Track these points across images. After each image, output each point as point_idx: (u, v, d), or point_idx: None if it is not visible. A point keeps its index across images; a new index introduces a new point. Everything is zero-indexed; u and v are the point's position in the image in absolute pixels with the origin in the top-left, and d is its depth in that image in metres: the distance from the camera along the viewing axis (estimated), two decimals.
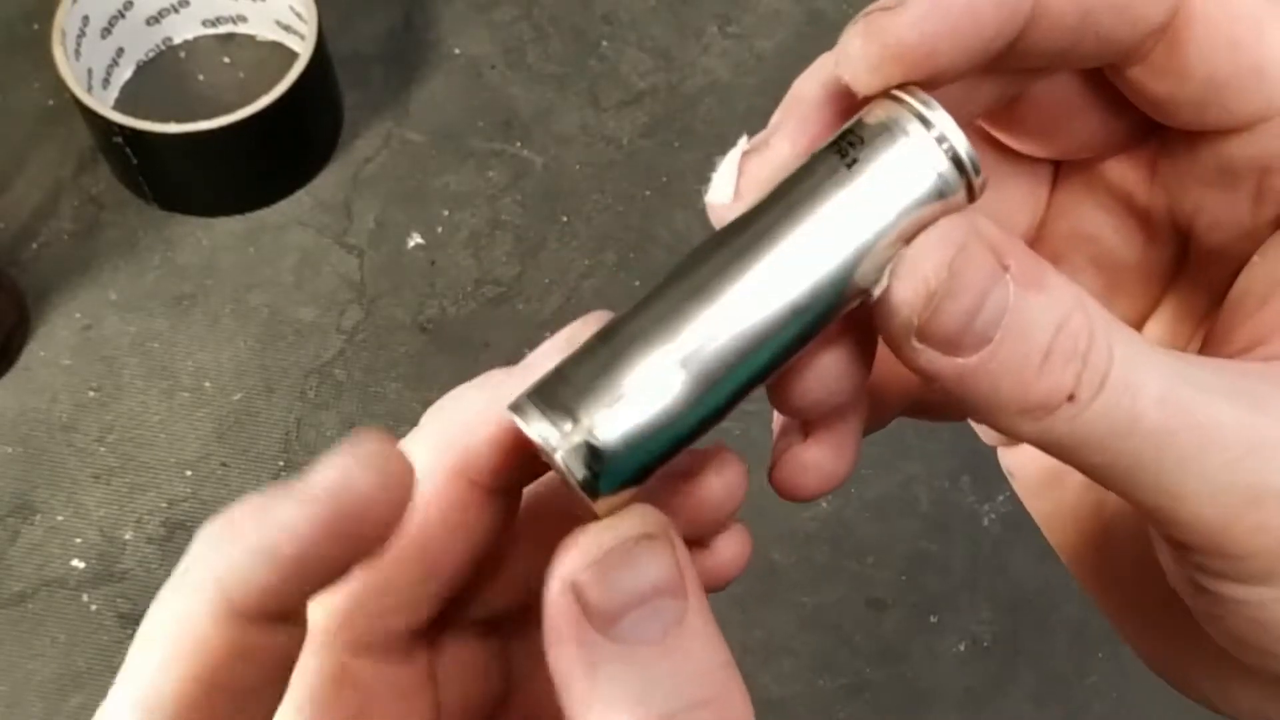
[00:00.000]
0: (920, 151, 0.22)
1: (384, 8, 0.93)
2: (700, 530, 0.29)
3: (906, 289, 0.23)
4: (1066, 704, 0.73)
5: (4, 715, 0.71)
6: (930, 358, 0.23)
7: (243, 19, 0.90)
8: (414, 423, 0.26)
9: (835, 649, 0.74)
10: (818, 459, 0.27)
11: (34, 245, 0.84)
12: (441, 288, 0.83)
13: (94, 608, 0.74)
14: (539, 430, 0.22)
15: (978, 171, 0.22)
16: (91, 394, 0.80)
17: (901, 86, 0.23)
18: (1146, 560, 0.26)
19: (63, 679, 0.72)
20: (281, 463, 0.78)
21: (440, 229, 0.85)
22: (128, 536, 0.76)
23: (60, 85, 0.81)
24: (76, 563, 0.75)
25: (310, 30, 0.82)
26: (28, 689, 0.72)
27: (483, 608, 0.27)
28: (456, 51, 0.91)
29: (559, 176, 0.87)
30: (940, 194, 0.22)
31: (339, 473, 0.22)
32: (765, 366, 0.23)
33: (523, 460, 0.24)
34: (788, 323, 0.23)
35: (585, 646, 0.22)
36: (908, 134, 0.22)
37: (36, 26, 0.90)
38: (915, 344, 0.23)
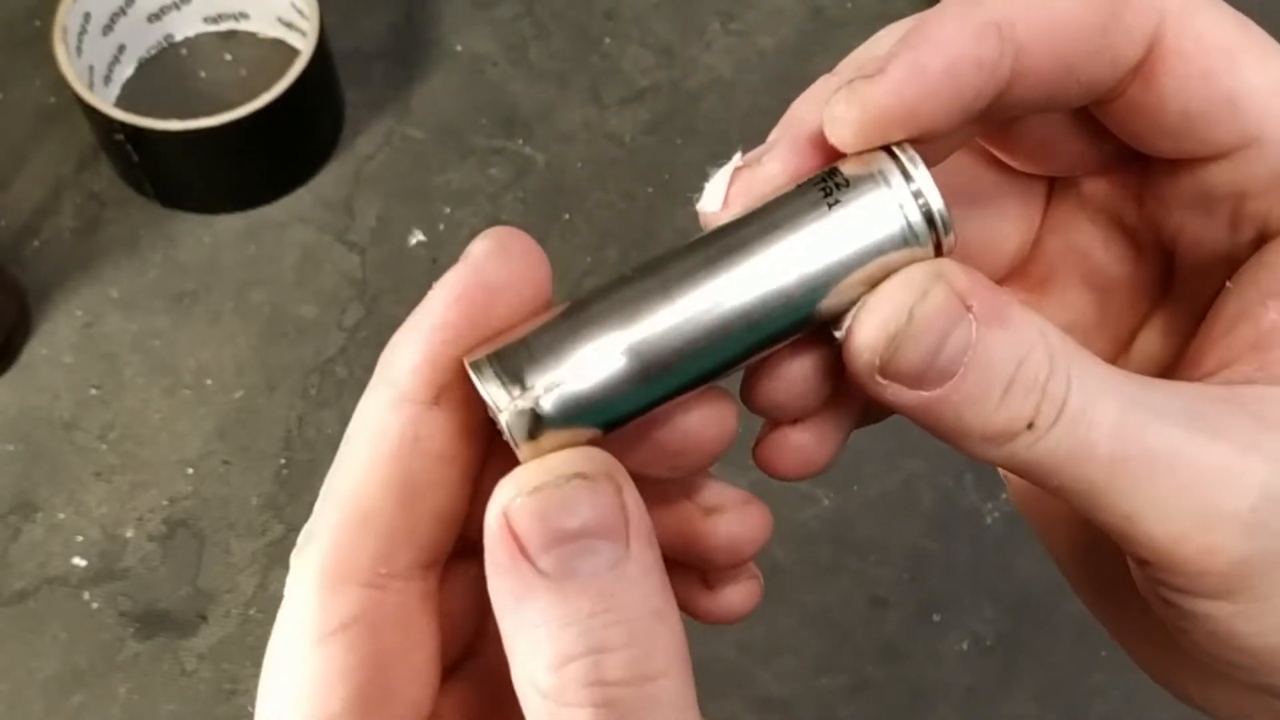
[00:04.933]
0: (896, 203, 0.24)
1: (385, 5, 0.92)
2: (710, 564, 0.29)
3: (867, 332, 0.24)
4: (1069, 703, 0.73)
5: (5, 713, 0.71)
6: (895, 392, 0.24)
7: (244, 16, 0.90)
8: None
9: (837, 648, 0.74)
10: (800, 443, 0.28)
11: (35, 243, 0.84)
12: None
13: (95, 606, 0.74)
14: (490, 392, 0.24)
15: (948, 230, 0.24)
16: (93, 392, 0.80)
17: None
18: (1131, 571, 0.26)
19: (64, 677, 0.72)
20: (283, 460, 0.78)
21: (442, 226, 0.85)
22: (129, 534, 0.76)
23: (61, 82, 0.81)
24: (78, 561, 0.75)
25: (312, 27, 0.82)
26: (29, 687, 0.72)
27: (473, 532, 0.28)
28: (458, 48, 0.91)
29: (561, 174, 0.87)
30: (909, 244, 0.24)
31: (464, 256, 0.25)
32: (714, 369, 0.25)
33: (459, 380, 0.25)
34: (740, 335, 0.24)
35: (515, 576, 0.23)
36: (888, 185, 0.24)
37: (38, 23, 0.90)
38: (879, 380, 0.24)
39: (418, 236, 0.84)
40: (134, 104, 0.86)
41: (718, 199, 0.26)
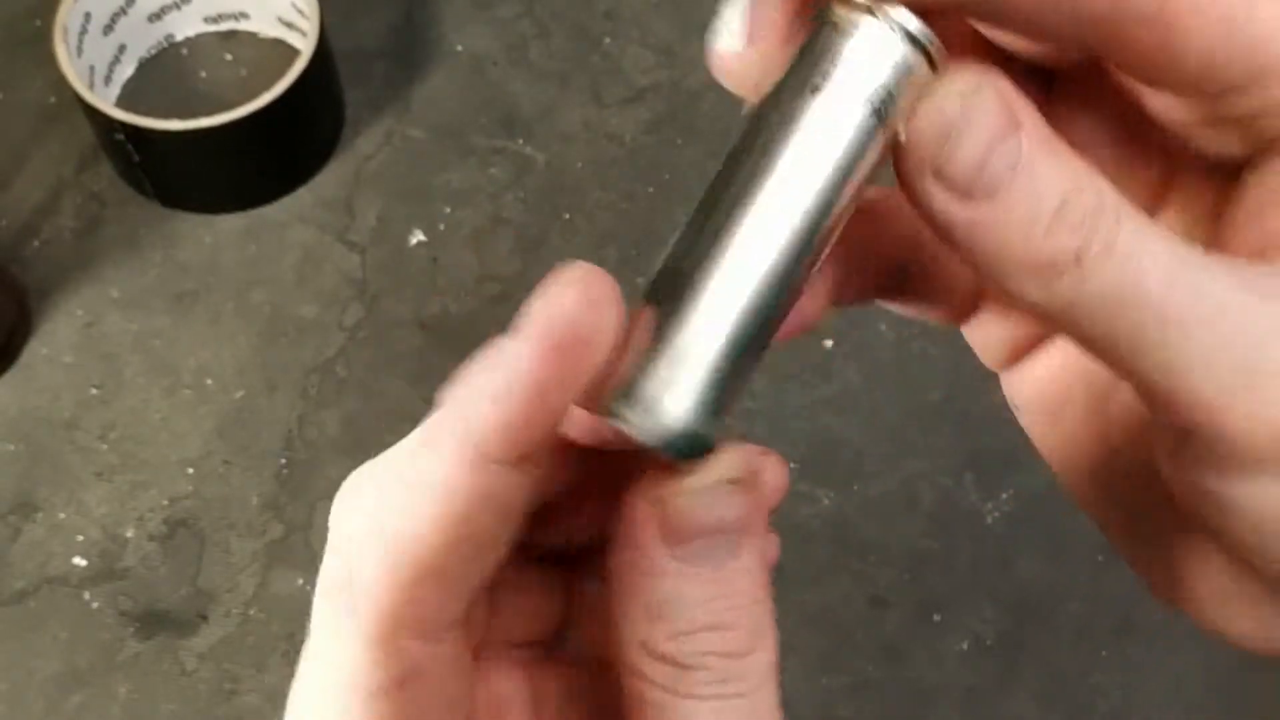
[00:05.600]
0: (876, 42, 0.24)
1: (385, 4, 0.92)
2: None
3: (924, 122, 0.24)
4: (1070, 702, 0.73)
5: (5, 713, 0.71)
6: (944, 201, 0.24)
7: (245, 16, 0.90)
8: (416, 420, 0.26)
9: (837, 647, 0.74)
10: None
11: (35, 242, 0.84)
12: (443, 285, 0.83)
13: (95, 605, 0.74)
14: (640, 431, 0.24)
15: (931, 42, 0.24)
16: (93, 391, 0.80)
17: None
18: (1151, 487, 0.26)
19: (64, 677, 0.72)
20: (284, 460, 0.78)
21: (442, 226, 0.85)
22: (129, 534, 0.76)
23: (62, 82, 0.81)
24: (78, 560, 0.75)
25: (312, 27, 0.82)
26: (29, 687, 0.72)
27: (545, 545, 0.29)
28: (458, 48, 0.91)
29: (561, 173, 0.87)
30: (905, 74, 0.24)
31: (549, 304, 0.24)
32: (805, 275, 0.25)
33: (545, 430, 0.25)
34: (813, 227, 0.25)
35: (651, 558, 0.25)
36: (858, 28, 0.24)
37: (38, 23, 0.90)
38: (930, 184, 0.24)
39: (418, 236, 0.84)
40: (134, 104, 0.86)
41: (739, 35, 0.25)
